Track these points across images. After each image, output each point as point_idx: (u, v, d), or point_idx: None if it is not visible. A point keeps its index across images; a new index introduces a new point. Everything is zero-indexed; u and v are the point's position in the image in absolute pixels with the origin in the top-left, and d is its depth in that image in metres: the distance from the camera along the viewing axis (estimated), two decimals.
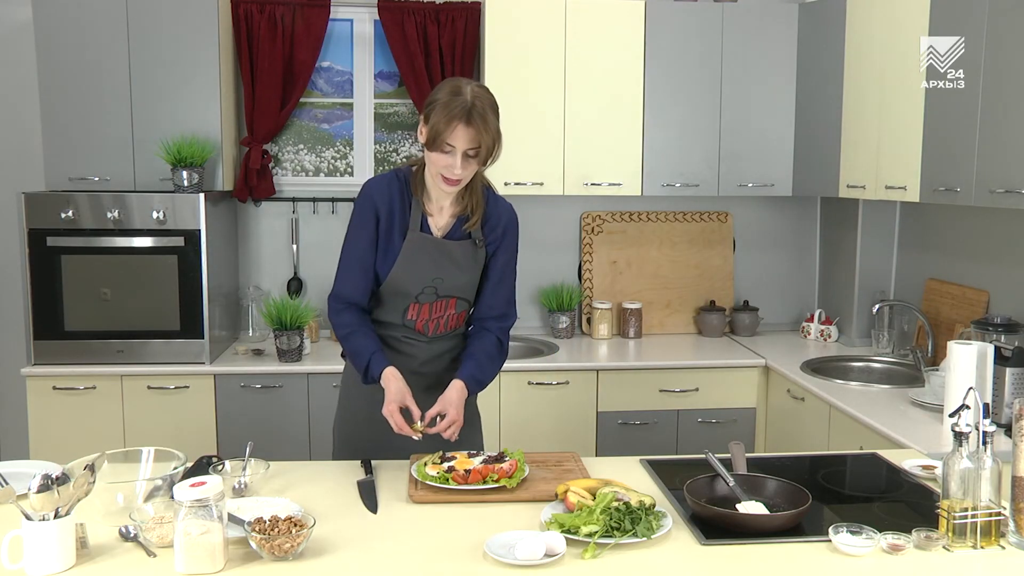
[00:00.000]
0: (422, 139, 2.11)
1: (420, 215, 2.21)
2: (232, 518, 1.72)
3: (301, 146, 4.05)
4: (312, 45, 3.82)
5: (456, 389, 2.19)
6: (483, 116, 2.04)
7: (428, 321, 2.27)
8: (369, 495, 1.98)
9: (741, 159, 3.87)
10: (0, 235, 3.91)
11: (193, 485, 1.59)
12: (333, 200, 4.04)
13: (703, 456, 2.04)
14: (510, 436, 3.51)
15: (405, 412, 2.14)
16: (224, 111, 3.63)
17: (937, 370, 2.88)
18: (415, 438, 2.12)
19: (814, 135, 3.78)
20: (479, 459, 2.04)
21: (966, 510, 1.72)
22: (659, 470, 2.16)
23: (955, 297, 3.43)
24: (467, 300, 2.30)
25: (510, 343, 2.41)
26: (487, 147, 2.07)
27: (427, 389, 2.28)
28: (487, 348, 2.29)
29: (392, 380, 2.14)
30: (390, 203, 2.19)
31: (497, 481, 1.96)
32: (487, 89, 2.12)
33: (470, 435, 2.35)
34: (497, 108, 2.11)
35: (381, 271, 2.22)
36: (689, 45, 3.77)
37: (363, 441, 2.30)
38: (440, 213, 2.23)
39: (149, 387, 3.43)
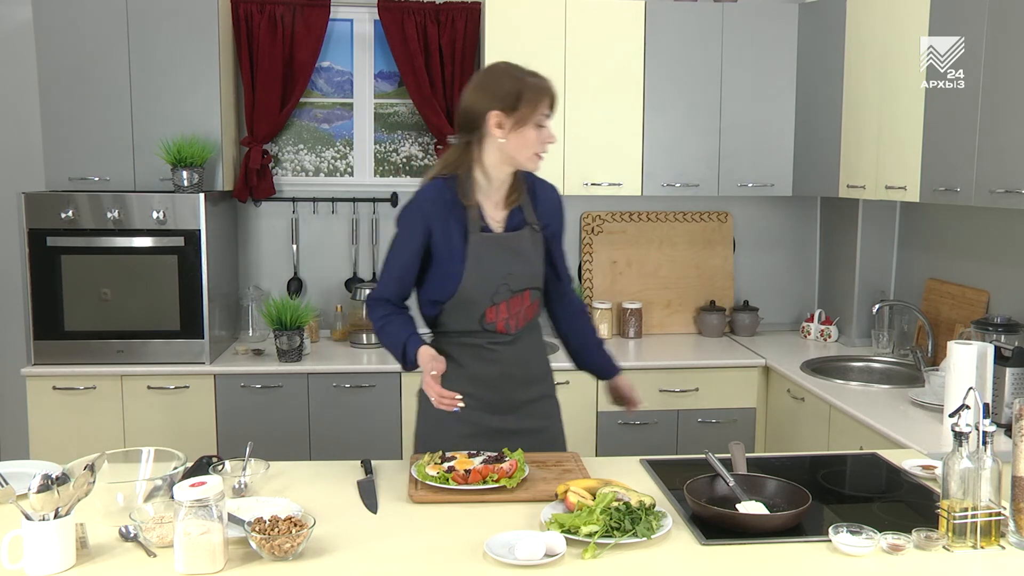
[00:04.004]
0: (507, 127, 2.10)
1: (477, 216, 2.19)
2: (232, 518, 1.72)
3: (301, 146, 4.06)
4: (312, 45, 3.82)
5: (623, 382, 2.47)
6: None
7: (508, 319, 2.25)
8: (369, 495, 1.98)
9: (741, 159, 3.87)
10: (0, 235, 3.91)
11: (193, 485, 1.59)
12: (333, 200, 4.04)
13: (703, 456, 2.04)
14: None
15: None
16: (224, 111, 3.63)
17: (937, 370, 2.88)
18: (458, 407, 2.07)
19: (814, 135, 3.78)
20: (479, 459, 2.04)
21: (966, 510, 1.72)
22: (659, 470, 2.16)
23: (955, 297, 3.43)
24: (538, 288, 2.31)
25: None
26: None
27: (521, 385, 2.31)
28: (591, 328, 2.49)
29: (424, 354, 2.14)
30: (445, 212, 2.17)
31: (497, 481, 1.95)
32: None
33: (552, 432, 2.40)
34: None
35: (451, 282, 2.19)
36: (689, 45, 3.77)
37: (443, 442, 2.25)
38: (495, 209, 2.23)
39: (149, 387, 3.43)
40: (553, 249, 2.34)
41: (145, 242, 3.41)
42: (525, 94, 2.09)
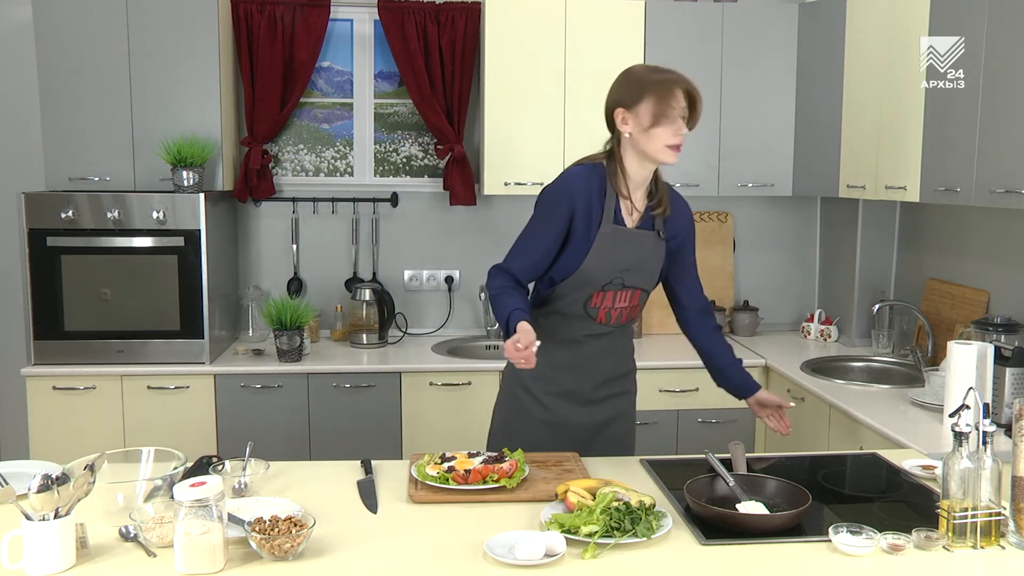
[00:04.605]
0: (640, 125, 2.16)
1: (614, 207, 2.25)
2: (232, 518, 1.72)
3: (301, 146, 4.05)
4: (312, 45, 3.82)
5: (763, 393, 2.44)
6: (694, 85, 2.21)
7: (611, 309, 2.30)
8: (369, 495, 1.98)
9: (741, 159, 3.87)
10: (0, 235, 3.91)
11: (193, 485, 1.59)
12: (333, 200, 4.04)
13: (703, 456, 2.04)
14: None
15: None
16: (224, 111, 3.63)
17: (937, 370, 2.88)
18: (536, 346, 2.04)
19: (814, 135, 3.78)
20: (479, 459, 2.04)
21: (966, 510, 1.72)
22: (659, 470, 2.16)
23: (955, 297, 3.43)
24: (647, 291, 2.36)
25: None
26: (696, 110, 2.20)
27: (603, 381, 2.36)
28: (727, 346, 2.50)
29: (523, 326, 2.11)
30: (588, 199, 2.22)
31: (497, 481, 1.95)
32: None
33: (624, 424, 2.46)
34: None
35: (573, 262, 2.23)
36: (689, 45, 3.77)
37: (520, 433, 2.32)
38: (632, 206, 2.28)
39: (149, 387, 3.43)
40: (684, 260, 2.42)
41: (145, 242, 3.41)
42: (648, 89, 2.15)
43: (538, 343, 2.05)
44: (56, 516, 1.58)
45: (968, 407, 1.74)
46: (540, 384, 2.34)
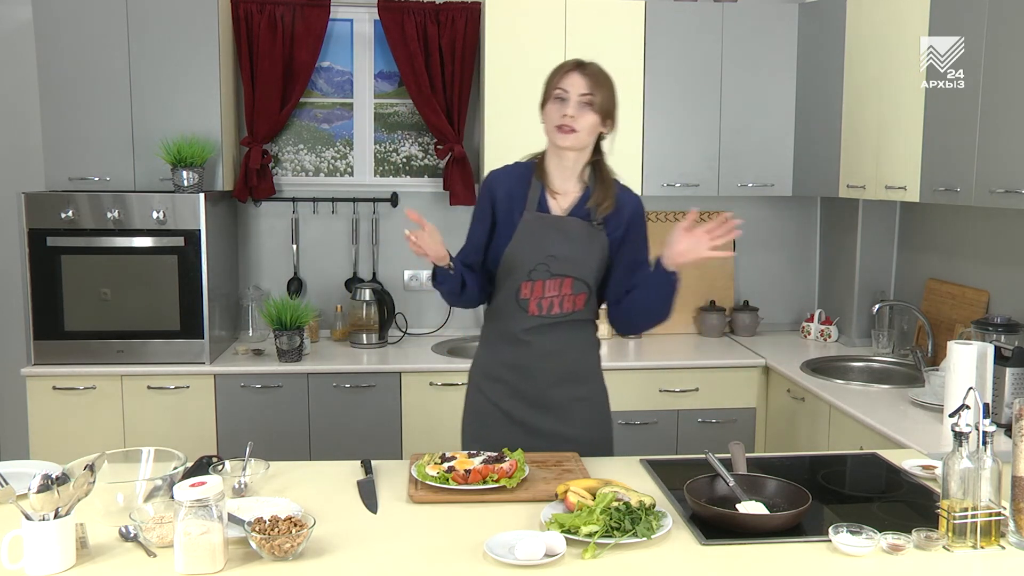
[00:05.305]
0: (541, 110, 2.29)
1: (539, 196, 2.31)
2: (232, 518, 1.72)
3: (301, 146, 4.05)
4: (312, 45, 3.82)
5: (671, 241, 2.21)
6: (596, 68, 2.25)
7: (542, 299, 2.30)
8: (369, 495, 1.98)
9: (741, 159, 3.87)
10: (0, 235, 3.91)
11: (193, 485, 1.59)
12: (333, 200, 4.04)
13: (703, 456, 2.04)
14: None
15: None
16: (224, 111, 3.63)
17: (937, 370, 2.88)
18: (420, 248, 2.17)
19: (814, 135, 3.78)
20: (479, 459, 2.04)
21: (966, 510, 1.72)
22: (659, 470, 2.16)
23: (955, 297, 3.43)
24: (584, 282, 2.31)
25: None
26: (603, 97, 2.21)
27: (555, 381, 2.33)
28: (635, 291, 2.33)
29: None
30: (509, 188, 2.32)
31: (497, 481, 1.96)
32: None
33: (596, 442, 2.39)
34: (611, 79, 2.28)
35: (500, 249, 2.30)
36: (689, 45, 3.77)
37: (491, 437, 2.34)
38: (564, 196, 2.31)
39: (149, 387, 3.43)
40: (622, 253, 2.34)
41: (145, 242, 3.41)
42: (546, 80, 2.28)
43: (426, 231, 2.14)
44: (56, 516, 1.58)
45: (968, 407, 1.74)
46: (495, 386, 2.37)
